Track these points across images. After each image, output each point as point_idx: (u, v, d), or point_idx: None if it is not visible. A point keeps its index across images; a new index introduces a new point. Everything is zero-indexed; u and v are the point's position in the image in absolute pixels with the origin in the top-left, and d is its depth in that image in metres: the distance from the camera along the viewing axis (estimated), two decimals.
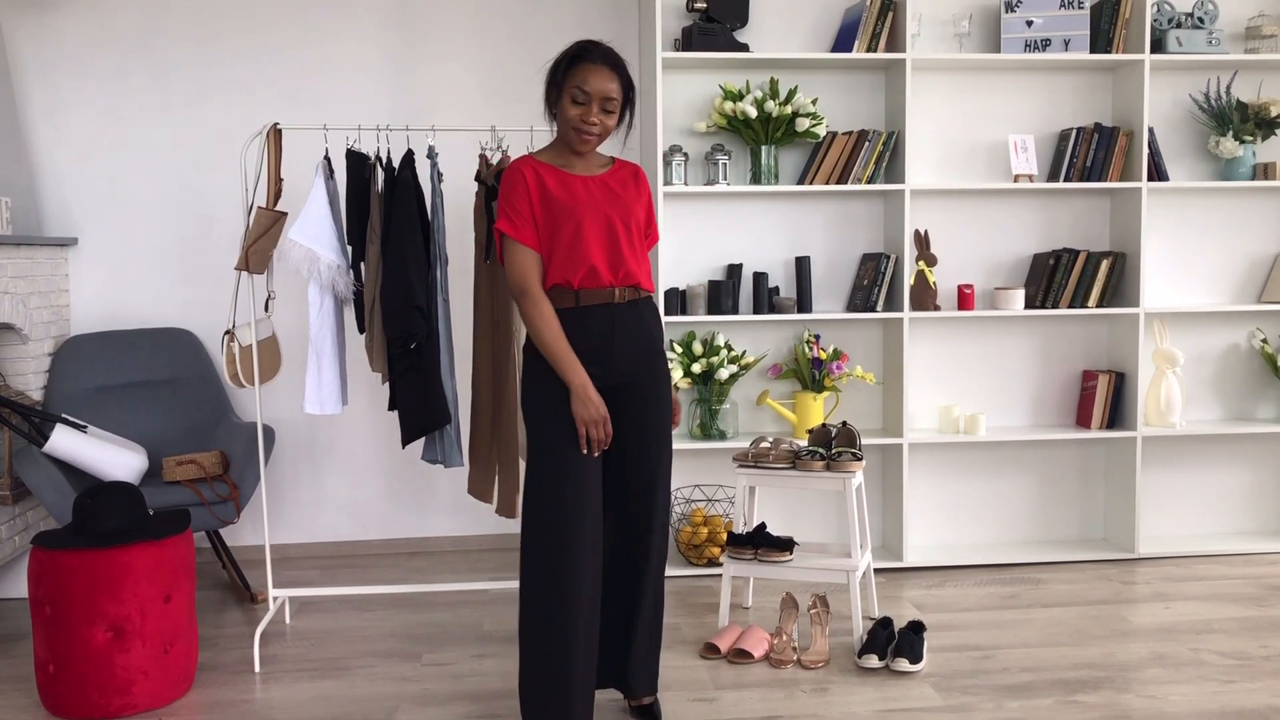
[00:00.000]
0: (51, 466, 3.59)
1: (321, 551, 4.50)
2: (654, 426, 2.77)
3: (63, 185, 4.28)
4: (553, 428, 2.64)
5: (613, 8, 4.44)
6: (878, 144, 4.14)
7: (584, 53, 2.63)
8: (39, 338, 4.00)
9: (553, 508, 2.62)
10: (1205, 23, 4.25)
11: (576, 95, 2.61)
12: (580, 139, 2.66)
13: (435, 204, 3.44)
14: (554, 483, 2.63)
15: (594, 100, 2.61)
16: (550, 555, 2.61)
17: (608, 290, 2.68)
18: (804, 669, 3.24)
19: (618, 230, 2.69)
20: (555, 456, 2.63)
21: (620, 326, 2.70)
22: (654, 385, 2.77)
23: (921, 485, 4.42)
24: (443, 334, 3.45)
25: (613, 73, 2.62)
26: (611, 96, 2.62)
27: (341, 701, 3.05)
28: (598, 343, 2.68)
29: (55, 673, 2.93)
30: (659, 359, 2.79)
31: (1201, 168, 4.45)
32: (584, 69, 2.61)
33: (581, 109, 2.62)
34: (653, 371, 2.77)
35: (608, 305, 2.69)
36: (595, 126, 2.63)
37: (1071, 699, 2.99)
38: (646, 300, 2.79)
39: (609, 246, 2.68)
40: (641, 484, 2.77)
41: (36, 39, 4.22)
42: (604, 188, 2.72)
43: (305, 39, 4.34)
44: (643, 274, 2.75)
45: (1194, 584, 4.01)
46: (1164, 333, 4.36)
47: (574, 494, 2.62)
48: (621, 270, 2.70)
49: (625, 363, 2.72)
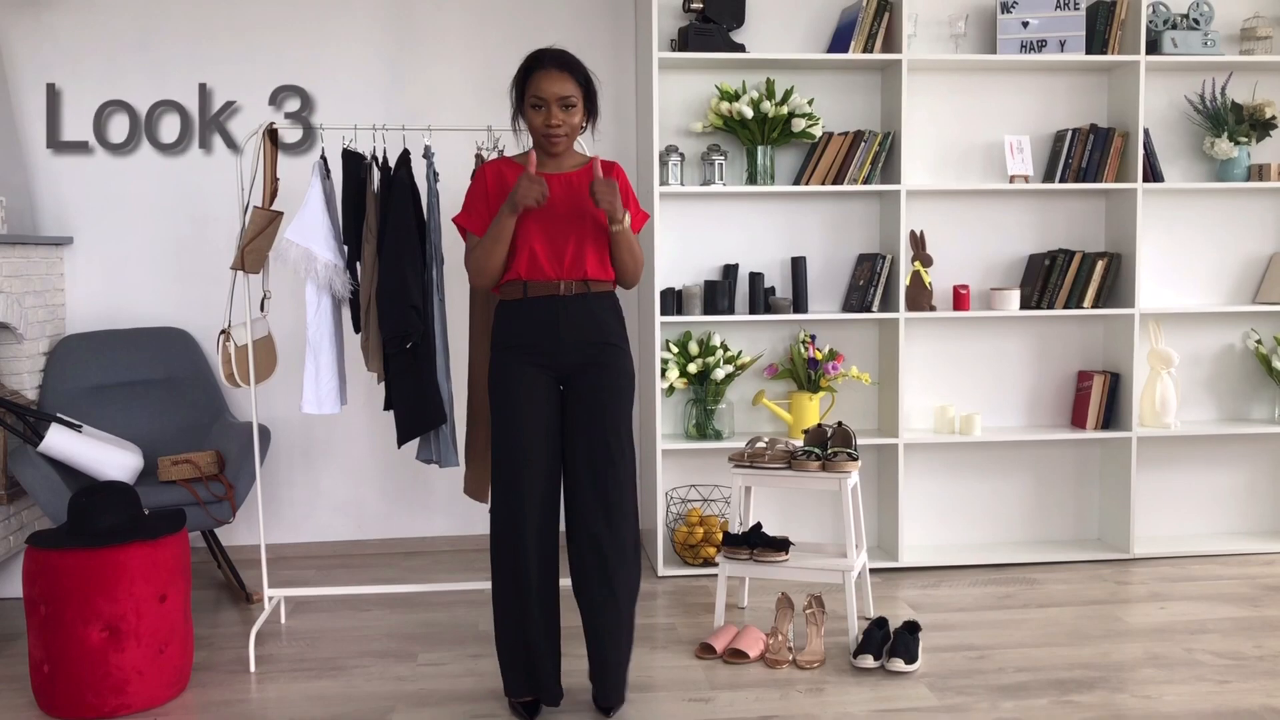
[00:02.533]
0: (46, 466, 3.58)
1: (317, 551, 4.50)
2: (606, 416, 2.80)
3: (58, 185, 4.28)
4: (507, 413, 2.80)
5: (609, 7, 4.44)
6: (874, 144, 4.15)
7: (535, 62, 2.78)
8: (34, 337, 4.00)
9: (507, 484, 2.80)
10: (1200, 24, 4.26)
11: (534, 102, 2.77)
12: (549, 142, 2.80)
13: (431, 203, 3.44)
14: (507, 458, 2.80)
15: (550, 103, 2.74)
16: (502, 516, 2.81)
17: (553, 283, 2.80)
18: (799, 669, 3.24)
19: (569, 224, 2.79)
20: (507, 440, 2.80)
21: (566, 318, 2.80)
22: (601, 375, 2.82)
23: (917, 485, 4.42)
24: (438, 334, 3.45)
25: (564, 73, 2.75)
26: (566, 94, 2.75)
27: (337, 701, 3.05)
28: (542, 333, 2.80)
29: (50, 672, 2.93)
30: (612, 352, 2.83)
31: (1197, 169, 4.46)
32: (536, 77, 2.75)
33: (542, 113, 2.76)
34: (600, 363, 2.82)
35: (553, 297, 2.80)
36: (560, 127, 2.77)
37: (1066, 699, 3.00)
38: (602, 294, 2.85)
39: (554, 238, 2.79)
40: (597, 473, 2.79)
41: (32, 37, 4.21)
42: (566, 184, 2.83)
43: (301, 39, 4.33)
44: (600, 268, 2.82)
45: (1189, 584, 4.02)
46: (1159, 333, 4.37)
47: (523, 467, 2.78)
48: (567, 263, 2.79)
49: (573, 354, 2.82)
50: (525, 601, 2.81)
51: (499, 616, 2.87)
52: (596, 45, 4.36)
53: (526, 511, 2.79)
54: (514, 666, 2.88)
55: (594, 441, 2.80)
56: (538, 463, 2.80)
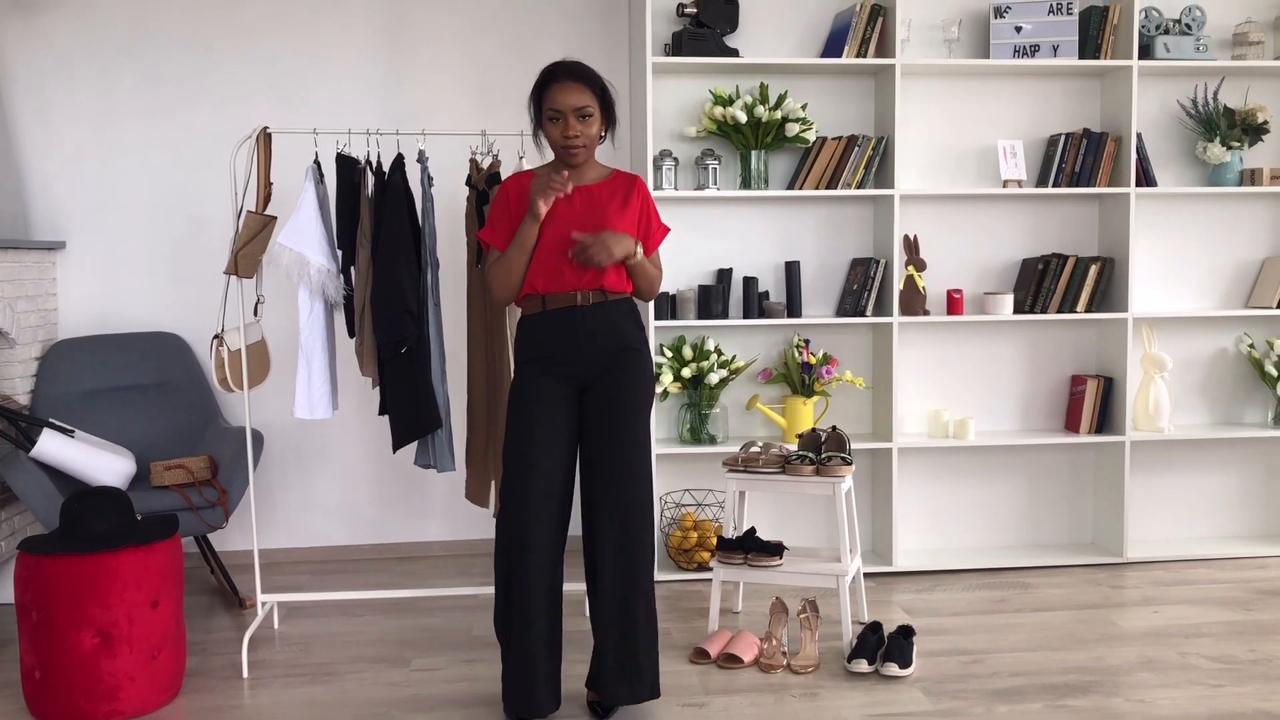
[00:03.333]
0: (38, 471, 3.57)
1: (310, 556, 4.49)
2: (625, 418, 2.82)
3: (51, 189, 4.27)
4: (518, 422, 2.82)
5: (603, 12, 4.45)
6: (867, 149, 4.15)
7: (550, 75, 2.81)
8: (26, 341, 3.98)
9: (514, 493, 2.80)
10: (1193, 29, 4.28)
11: (551, 114, 2.79)
12: (568, 153, 2.82)
13: (426, 208, 3.43)
14: (517, 466, 2.80)
15: (567, 114, 2.77)
16: (509, 522, 2.81)
17: (570, 294, 2.83)
18: (794, 674, 3.24)
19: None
20: (518, 449, 2.81)
21: (585, 327, 2.83)
22: (622, 377, 2.84)
23: (911, 490, 4.42)
24: (433, 338, 3.45)
25: (579, 84, 2.78)
26: (583, 105, 2.77)
27: (330, 707, 3.04)
28: (563, 344, 2.83)
29: (42, 679, 2.91)
30: (632, 356, 2.86)
31: (1189, 173, 4.47)
32: (552, 89, 2.78)
33: (559, 125, 2.78)
34: (620, 367, 2.85)
35: (571, 308, 2.83)
36: (578, 138, 2.79)
37: (1060, 703, 3.00)
38: (621, 301, 2.88)
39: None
40: (617, 472, 2.80)
41: (25, 42, 4.20)
42: (588, 197, 2.86)
43: (295, 43, 4.33)
44: (618, 279, 2.85)
45: (1182, 588, 4.02)
46: (1152, 337, 4.37)
47: (532, 476, 2.79)
48: (586, 275, 2.82)
49: (594, 361, 2.84)
50: (528, 609, 2.79)
51: (500, 625, 2.86)
52: (590, 50, 4.36)
53: (533, 521, 2.78)
54: (514, 680, 2.84)
55: (612, 442, 2.80)
56: (548, 472, 2.79)
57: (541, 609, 2.81)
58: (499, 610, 2.86)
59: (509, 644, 2.84)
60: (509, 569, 2.81)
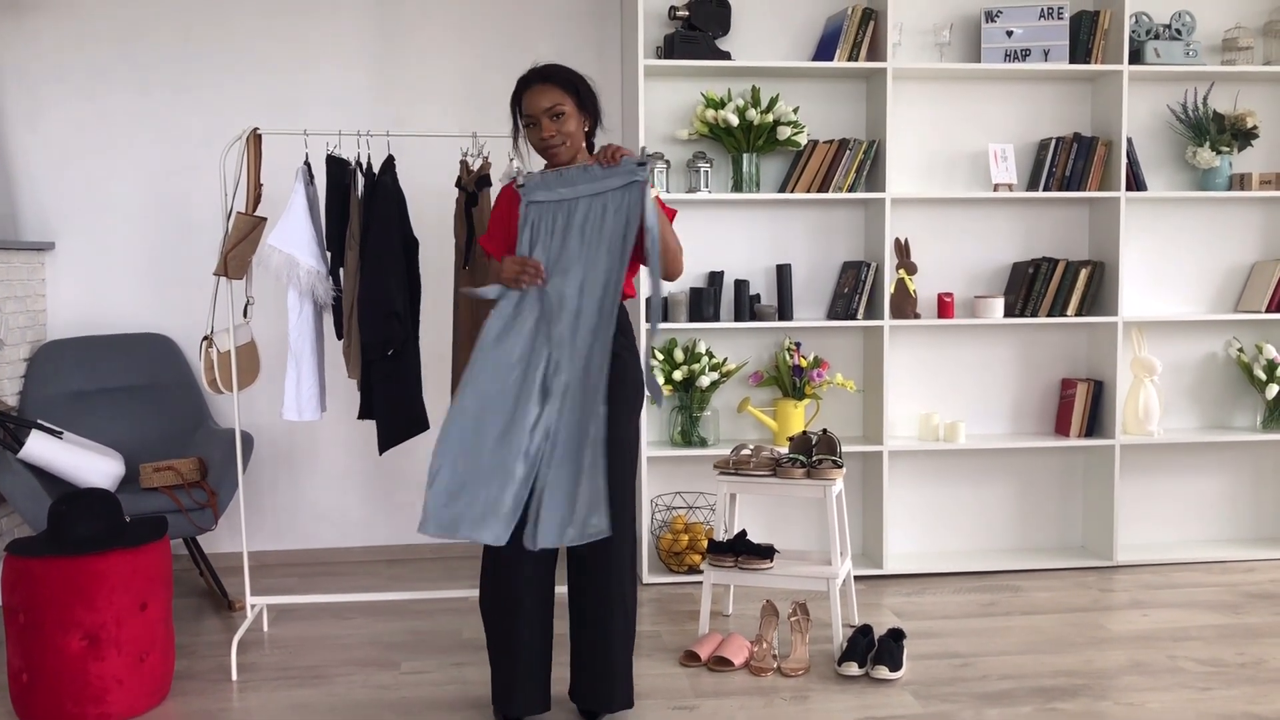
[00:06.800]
0: (26, 473, 3.55)
1: (300, 559, 4.48)
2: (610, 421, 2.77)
3: (40, 189, 4.25)
4: None
5: (594, 15, 4.44)
6: (858, 153, 4.16)
7: (522, 82, 2.84)
8: (15, 343, 3.97)
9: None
10: (1183, 34, 4.29)
11: (527, 121, 2.83)
12: (548, 154, 2.84)
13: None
14: None
15: (540, 117, 2.78)
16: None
17: None
18: (784, 677, 3.24)
19: None
20: None
21: None
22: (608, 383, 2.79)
23: (901, 493, 4.43)
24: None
25: (546, 84, 2.80)
26: (553, 104, 2.78)
27: (319, 710, 3.03)
28: None
29: (29, 681, 2.90)
30: (614, 361, 2.79)
31: (1179, 178, 4.48)
32: (524, 95, 2.82)
33: (535, 129, 2.80)
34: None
35: None
36: (554, 138, 2.80)
37: (1050, 706, 3.00)
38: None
39: None
40: None
41: (13, 41, 4.19)
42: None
43: (285, 44, 4.32)
44: None
45: (1171, 591, 4.03)
46: (1142, 341, 4.39)
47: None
48: None
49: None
50: (514, 613, 2.78)
51: (489, 627, 2.85)
52: (582, 52, 4.36)
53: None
54: (502, 679, 2.85)
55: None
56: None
57: (534, 613, 2.80)
58: (488, 615, 2.84)
59: (499, 647, 2.83)
60: (495, 571, 2.79)
